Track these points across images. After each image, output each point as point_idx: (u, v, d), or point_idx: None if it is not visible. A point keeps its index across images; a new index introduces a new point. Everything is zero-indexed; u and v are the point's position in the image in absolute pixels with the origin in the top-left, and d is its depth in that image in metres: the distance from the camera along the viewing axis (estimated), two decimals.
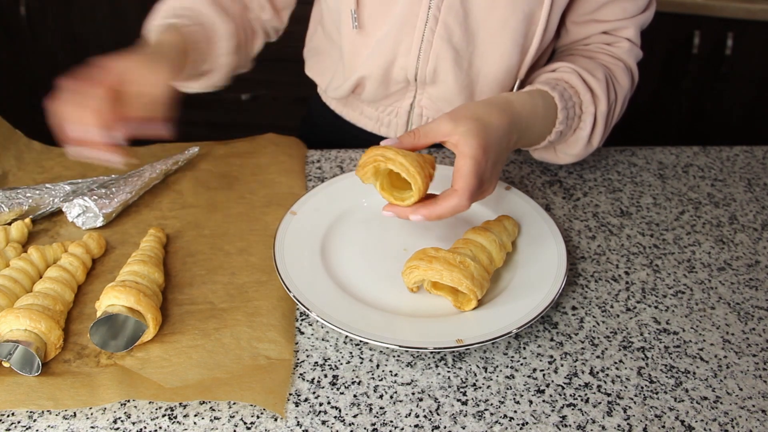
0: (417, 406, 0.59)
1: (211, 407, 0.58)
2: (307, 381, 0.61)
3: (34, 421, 0.56)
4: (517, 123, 0.71)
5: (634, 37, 0.87)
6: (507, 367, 0.63)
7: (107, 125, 0.62)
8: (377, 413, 0.58)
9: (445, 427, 0.57)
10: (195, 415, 0.57)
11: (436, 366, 0.63)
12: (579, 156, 0.86)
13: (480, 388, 0.61)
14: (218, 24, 0.84)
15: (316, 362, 0.63)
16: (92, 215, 0.76)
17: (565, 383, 0.62)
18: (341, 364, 0.63)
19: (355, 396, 0.60)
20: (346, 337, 0.65)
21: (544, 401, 0.60)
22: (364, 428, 0.57)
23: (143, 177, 0.82)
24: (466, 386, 0.61)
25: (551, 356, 0.65)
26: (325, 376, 0.62)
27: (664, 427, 0.58)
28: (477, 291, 0.64)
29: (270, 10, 0.92)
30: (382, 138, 0.99)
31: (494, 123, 0.67)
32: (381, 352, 0.64)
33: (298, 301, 0.65)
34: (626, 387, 0.62)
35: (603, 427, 0.58)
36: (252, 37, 0.93)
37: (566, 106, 0.78)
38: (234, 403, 0.58)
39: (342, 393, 0.60)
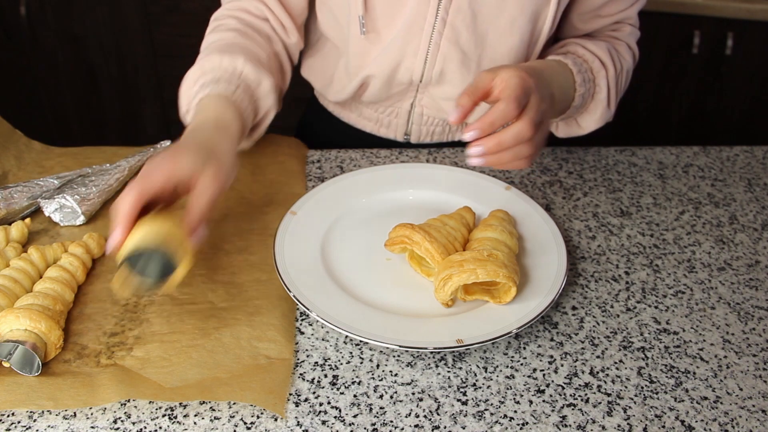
0: (417, 406, 0.59)
1: (211, 407, 0.58)
2: (307, 381, 0.61)
3: (34, 421, 0.56)
4: (540, 73, 0.72)
5: (635, 21, 0.91)
6: (507, 367, 0.63)
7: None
8: (377, 413, 0.58)
9: (445, 427, 0.57)
10: (195, 415, 0.57)
11: (436, 366, 0.63)
12: (600, 120, 0.87)
13: (480, 388, 0.61)
14: (263, 81, 0.80)
15: (316, 362, 0.63)
16: (70, 211, 0.77)
17: (565, 383, 0.62)
18: (341, 364, 0.63)
19: (355, 396, 0.60)
20: (346, 337, 0.65)
21: (544, 401, 0.60)
22: (364, 428, 0.57)
23: (121, 172, 0.82)
24: (466, 386, 0.61)
25: (551, 356, 0.65)
26: (325, 376, 0.62)
27: (664, 427, 0.58)
28: (514, 277, 0.65)
29: (295, 32, 0.89)
30: (381, 138, 0.99)
31: (527, 66, 0.71)
32: (381, 352, 0.64)
33: (298, 301, 0.65)
34: (626, 387, 0.62)
35: (603, 427, 0.58)
36: (283, 76, 0.89)
37: (581, 70, 0.81)
38: (234, 403, 0.58)
39: (342, 393, 0.60)
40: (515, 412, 0.59)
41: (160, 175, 0.60)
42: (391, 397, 0.60)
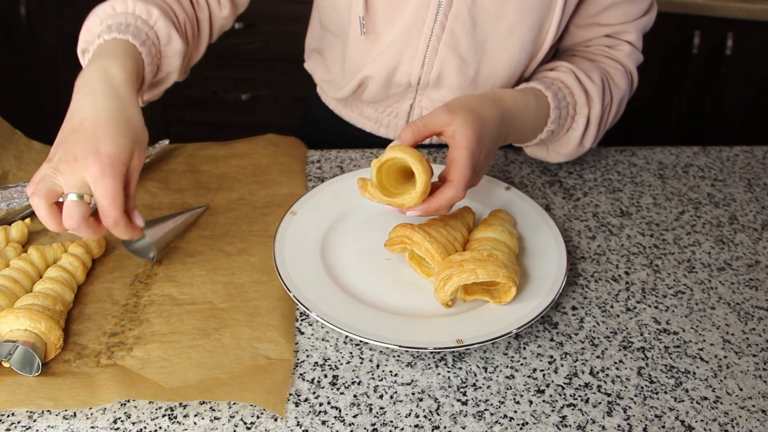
0: (417, 406, 0.59)
1: (211, 407, 0.58)
2: (307, 381, 0.61)
3: (34, 421, 0.56)
4: (507, 118, 0.72)
5: (636, 40, 0.87)
6: (507, 367, 0.63)
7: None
8: (377, 413, 0.58)
9: (445, 427, 0.57)
10: (195, 415, 0.57)
11: (436, 366, 0.63)
12: (570, 156, 0.86)
13: (480, 388, 0.61)
14: (173, 40, 0.75)
15: (316, 362, 0.63)
16: None
17: (565, 383, 0.62)
18: (341, 364, 0.63)
19: (355, 396, 0.60)
20: (346, 337, 0.65)
21: (544, 401, 0.60)
22: (364, 428, 0.57)
23: None
24: (466, 386, 0.61)
25: (551, 356, 0.65)
26: (325, 376, 0.62)
27: (664, 427, 0.58)
28: (514, 277, 0.65)
29: (228, 6, 0.85)
30: (381, 138, 0.99)
31: (488, 116, 0.69)
32: (381, 352, 0.64)
33: (298, 301, 0.65)
34: (626, 387, 0.62)
35: (603, 427, 0.58)
36: (198, 46, 0.85)
37: (559, 106, 0.79)
38: (234, 403, 0.58)
39: (342, 393, 0.60)
40: (515, 412, 0.59)
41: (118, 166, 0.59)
42: (391, 397, 0.60)
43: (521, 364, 0.64)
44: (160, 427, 0.56)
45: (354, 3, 0.82)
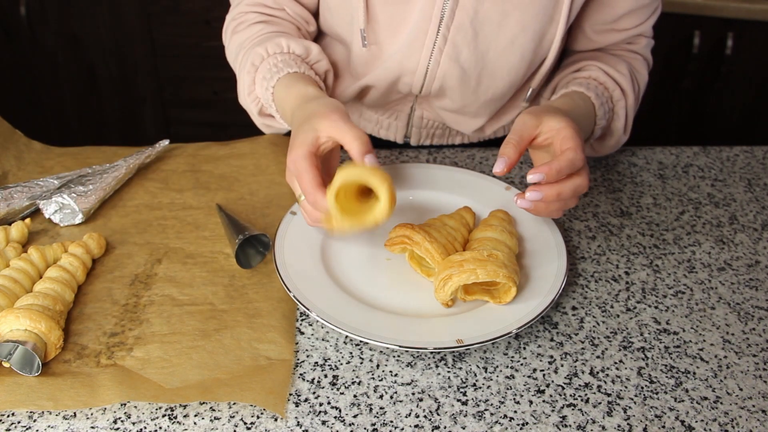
0: (417, 406, 0.59)
1: (211, 407, 0.58)
2: (307, 381, 0.61)
3: (34, 421, 0.56)
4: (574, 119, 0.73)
5: (650, 33, 0.90)
6: (507, 367, 0.63)
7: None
8: (377, 413, 0.58)
9: (445, 427, 0.57)
10: (195, 415, 0.57)
11: (436, 366, 0.63)
12: (614, 147, 0.89)
13: (480, 388, 0.61)
14: (310, 48, 0.83)
15: (316, 362, 0.63)
16: (69, 211, 0.77)
17: (565, 383, 0.62)
18: (341, 364, 0.63)
19: (355, 396, 0.60)
20: (346, 337, 0.65)
21: (544, 401, 0.60)
22: (364, 428, 0.57)
23: (119, 171, 0.82)
24: (466, 386, 0.61)
25: (551, 356, 0.65)
26: (325, 376, 0.62)
27: (664, 427, 0.58)
28: (514, 277, 0.65)
29: (313, 21, 0.91)
30: (381, 140, 0.99)
31: (562, 110, 0.70)
32: (381, 352, 0.64)
33: (298, 301, 0.65)
34: (626, 387, 0.62)
35: (603, 427, 0.58)
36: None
37: (602, 103, 0.81)
38: (234, 403, 0.58)
39: (342, 393, 0.60)
40: (515, 412, 0.59)
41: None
42: (391, 397, 0.60)
43: (521, 364, 0.64)
44: (160, 427, 0.56)
45: (355, 16, 0.81)
